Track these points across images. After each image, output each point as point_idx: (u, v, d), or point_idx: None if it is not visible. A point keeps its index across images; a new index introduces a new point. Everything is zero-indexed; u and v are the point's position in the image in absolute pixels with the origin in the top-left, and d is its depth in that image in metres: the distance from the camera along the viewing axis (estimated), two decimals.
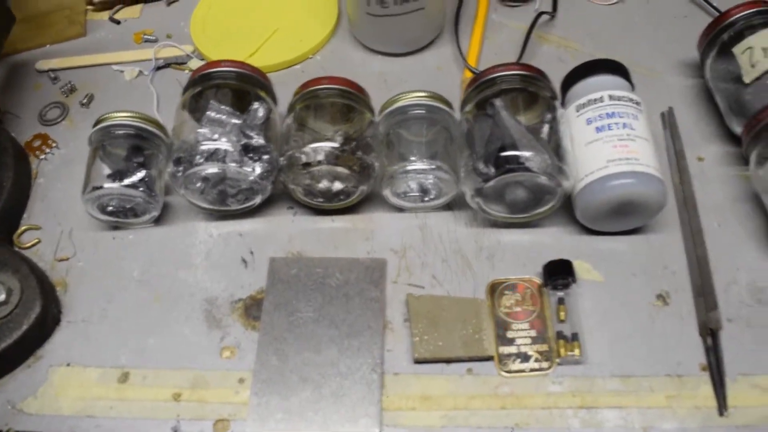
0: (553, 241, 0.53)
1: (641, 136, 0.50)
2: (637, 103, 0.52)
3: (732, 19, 0.57)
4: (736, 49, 0.56)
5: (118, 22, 0.72)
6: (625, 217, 0.51)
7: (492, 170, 0.49)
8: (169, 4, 0.73)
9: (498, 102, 0.52)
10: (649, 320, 0.49)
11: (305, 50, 0.66)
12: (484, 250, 0.53)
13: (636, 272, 0.52)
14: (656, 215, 0.51)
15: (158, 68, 0.67)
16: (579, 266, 0.52)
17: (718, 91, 0.58)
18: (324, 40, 0.67)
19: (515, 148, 0.49)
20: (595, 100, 0.52)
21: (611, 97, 0.52)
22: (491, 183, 0.49)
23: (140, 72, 0.67)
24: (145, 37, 0.70)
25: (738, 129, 0.56)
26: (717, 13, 0.63)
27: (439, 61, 0.65)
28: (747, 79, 0.54)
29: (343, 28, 0.69)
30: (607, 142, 0.50)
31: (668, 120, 0.59)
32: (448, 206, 0.55)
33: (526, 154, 0.49)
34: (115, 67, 0.67)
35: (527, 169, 0.49)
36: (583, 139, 0.51)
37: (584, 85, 0.54)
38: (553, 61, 0.64)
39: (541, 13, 0.65)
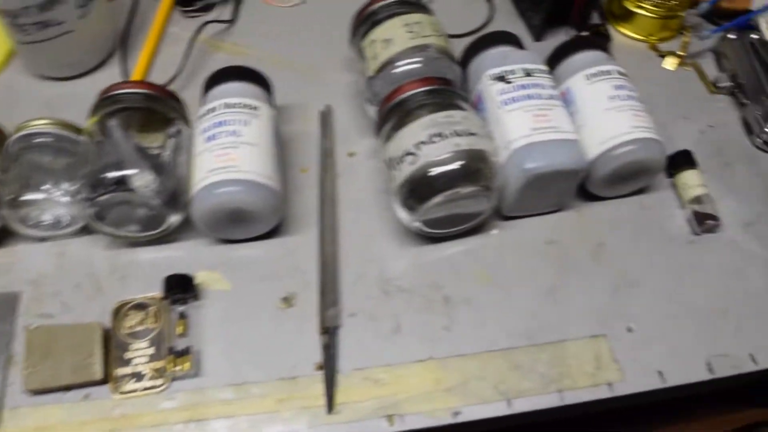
0: (189, 254, 0.53)
1: (248, 142, 0.50)
2: (254, 108, 0.52)
3: (367, 12, 0.58)
4: (364, 43, 0.57)
5: None
6: (243, 224, 0.51)
7: (96, 191, 0.49)
8: None
9: (112, 121, 0.51)
10: (271, 324, 0.50)
11: None
12: (118, 271, 0.53)
13: (266, 277, 0.52)
14: (271, 221, 0.52)
15: None
16: (208, 277, 0.52)
17: (362, 84, 0.59)
18: None
19: (120, 169, 0.49)
20: (211, 109, 0.52)
21: (226, 105, 0.52)
22: (94, 203, 0.49)
23: None
24: None
25: None
26: None
27: (112, 80, 0.64)
28: (370, 72, 0.55)
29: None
30: (212, 151, 0.50)
31: (324, 118, 0.60)
32: (88, 230, 0.54)
33: (129, 173, 0.48)
34: None
35: (129, 190, 0.48)
36: (195, 150, 0.51)
37: (211, 95, 0.54)
38: None
39: (207, 23, 0.64)
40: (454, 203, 0.49)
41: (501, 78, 0.52)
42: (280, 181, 0.51)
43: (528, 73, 0.53)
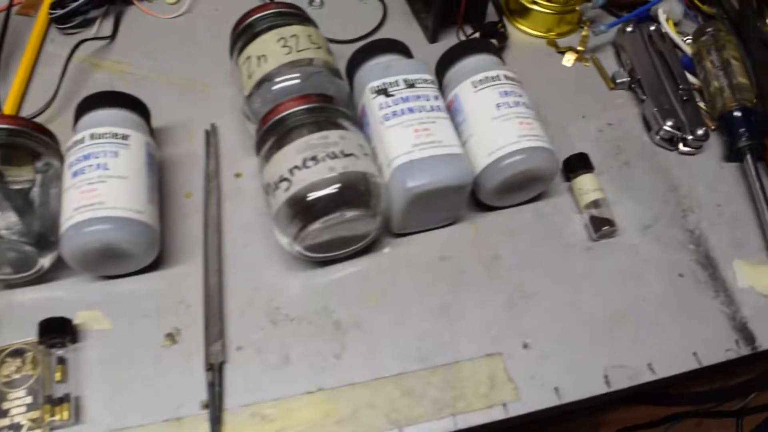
0: (68, 293, 0.50)
1: (117, 175, 0.47)
2: (124, 137, 0.49)
3: (242, 26, 0.55)
4: (240, 60, 0.54)
5: None
6: (117, 260, 0.48)
7: None
8: None
9: None
10: (155, 364, 0.47)
11: None
12: None
13: (149, 313, 0.49)
14: (148, 256, 0.49)
15: None
16: (89, 316, 0.49)
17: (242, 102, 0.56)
18: None
19: None
20: (78, 141, 0.49)
21: (93, 136, 0.49)
22: None
23: None
24: None
25: None
26: None
27: None
28: (245, 92, 0.53)
29: None
30: (78, 188, 0.47)
31: (208, 138, 0.57)
32: None
33: None
34: None
35: None
36: (64, 186, 0.48)
37: (80, 125, 0.51)
38: (104, 88, 0.60)
39: (82, 41, 0.61)
40: (336, 227, 0.47)
41: (382, 91, 0.50)
42: (154, 214, 0.49)
43: (410, 85, 0.50)
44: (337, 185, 0.45)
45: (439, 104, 0.50)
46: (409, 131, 0.48)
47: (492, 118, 0.50)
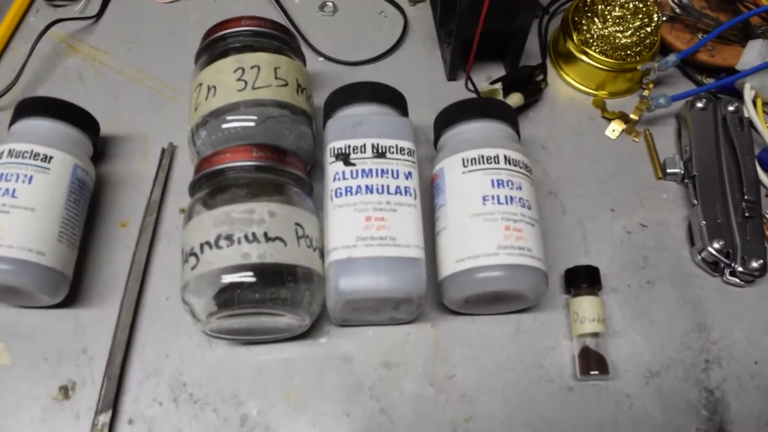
0: None
1: (24, 206, 0.41)
2: (45, 159, 0.42)
3: (208, 40, 0.46)
4: (192, 84, 0.45)
5: None
6: (19, 297, 0.43)
7: None
8: None
9: None
10: (41, 418, 0.42)
11: None
12: None
13: (50, 356, 0.44)
14: (50, 300, 0.43)
15: None
16: None
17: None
18: None
19: None
20: None
21: (11, 153, 0.42)
22: None
23: None
24: None
25: None
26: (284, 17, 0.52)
27: None
28: (189, 125, 0.44)
29: None
30: None
31: (162, 159, 0.50)
32: None
33: None
34: None
35: None
36: None
37: (10, 133, 0.45)
38: (72, 78, 0.54)
39: (56, 21, 0.54)
40: (249, 319, 0.39)
41: (343, 156, 0.40)
42: (63, 255, 0.42)
43: (380, 153, 0.40)
44: (248, 277, 0.37)
45: (409, 185, 0.40)
46: (358, 218, 0.39)
47: (473, 213, 0.40)
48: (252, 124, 0.42)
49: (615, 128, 0.51)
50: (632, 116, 0.51)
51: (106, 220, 0.48)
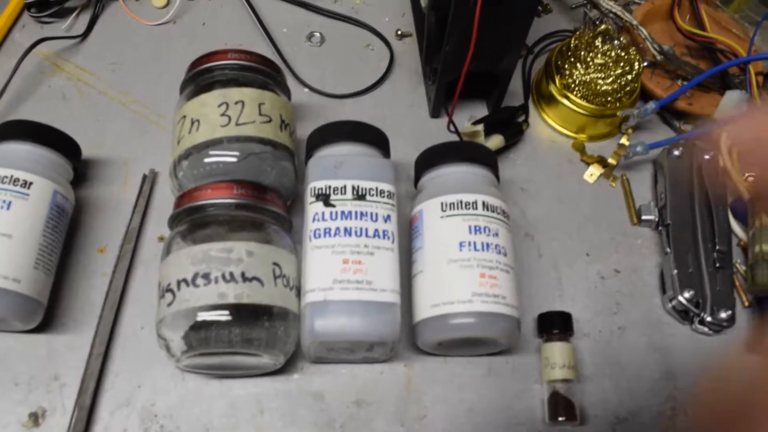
0: None
1: (2, 232, 0.41)
2: (25, 185, 0.42)
3: (194, 71, 0.46)
4: (177, 116, 0.45)
5: None
6: None
7: None
8: None
9: None
10: None
11: None
12: None
13: (21, 381, 0.43)
14: (24, 326, 0.43)
15: None
16: None
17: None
18: None
19: None
20: None
21: None
22: None
23: None
24: None
25: None
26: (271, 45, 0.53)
27: None
28: (171, 156, 0.44)
29: None
30: None
31: (143, 185, 0.49)
32: None
33: None
34: None
35: None
36: None
37: None
38: (55, 98, 0.54)
39: (42, 39, 0.53)
40: (223, 357, 0.39)
41: (323, 197, 0.41)
42: (38, 282, 0.42)
43: (360, 195, 0.41)
44: (224, 316, 0.37)
45: (387, 228, 0.40)
46: (336, 260, 0.39)
47: (450, 259, 0.40)
48: (234, 159, 0.42)
49: (593, 172, 0.52)
50: (610, 161, 0.52)
51: (84, 244, 0.48)
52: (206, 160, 0.43)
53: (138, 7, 0.58)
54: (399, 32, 0.57)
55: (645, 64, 0.54)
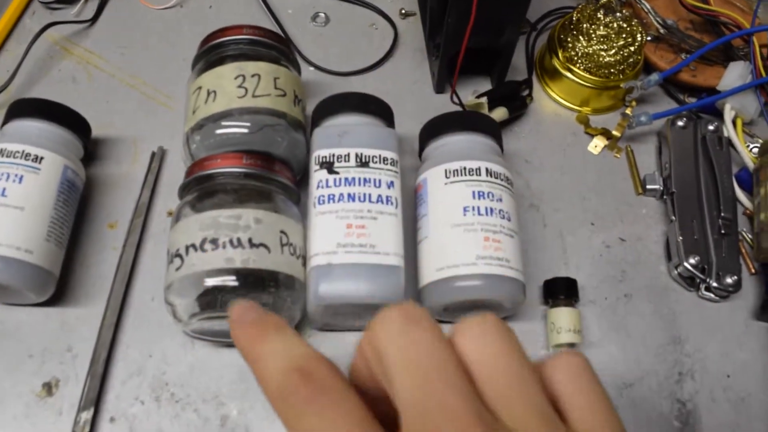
0: None
1: (14, 204, 0.41)
2: (36, 159, 0.43)
3: (208, 45, 0.47)
4: (191, 88, 0.46)
5: None
6: (4, 295, 0.43)
7: None
8: None
9: None
10: (24, 414, 0.42)
11: None
12: None
13: (34, 353, 0.44)
14: (37, 298, 0.43)
15: None
16: None
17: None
18: None
19: None
20: None
21: (2, 153, 0.43)
22: None
23: None
24: None
25: None
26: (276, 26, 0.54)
27: None
28: (185, 127, 0.45)
29: None
30: None
31: (152, 162, 0.50)
32: None
33: None
34: None
35: None
36: None
37: (3, 132, 0.45)
38: (66, 81, 0.55)
39: (51, 24, 0.54)
40: (227, 322, 0.39)
41: (327, 165, 0.41)
42: (51, 254, 0.42)
43: (363, 163, 0.41)
44: (231, 281, 0.37)
45: (390, 194, 0.41)
46: (340, 225, 0.39)
47: (454, 224, 0.41)
48: (245, 131, 0.43)
49: (597, 144, 0.52)
50: (614, 132, 0.52)
51: (94, 220, 0.49)
52: (218, 131, 0.43)
53: None
54: (403, 11, 0.58)
55: (648, 38, 0.54)
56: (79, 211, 0.48)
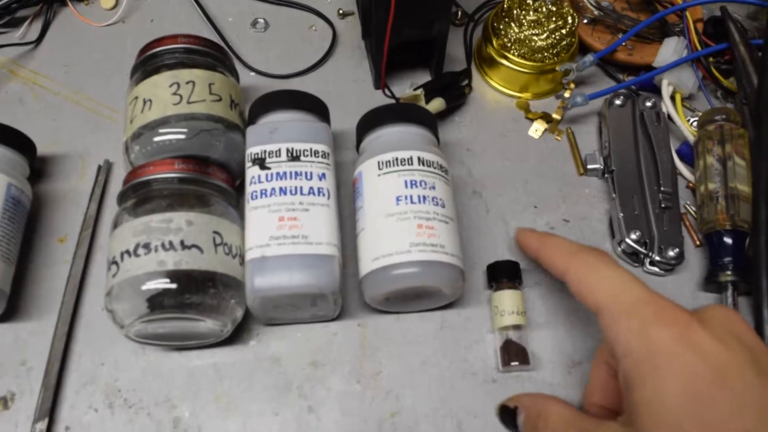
0: None
1: None
2: None
3: (143, 56, 0.48)
4: (128, 98, 0.47)
5: None
6: None
7: None
8: None
9: None
10: None
11: None
12: None
13: None
14: None
15: None
16: None
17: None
18: None
19: None
20: None
21: None
22: None
23: None
24: None
25: None
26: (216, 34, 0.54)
27: None
28: (124, 136, 0.46)
29: None
30: None
31: (98, 175, 0.51)
32: None
33: None
34: None
35: None
36: None
37: None
38: (13, 102, 0.55)
39: None
40: (169, 324, 0.40)
41: (259, 161, 0.42)
42: None
43: (294, 157, 0.42)
44: (166, 284, 0.38)
45: (322, 186, 0.42)
46: (272, 218, 0.40)
47: (387, 214, 0.41)
48: (183, 137, 0.44)
49: (537, 128, 0.53)
50: (554, 116, 0.52)
51: (44, 236, 0.49)
52: (156, 138, 0.44)
53: (88, 11, 0.60)
54: (341, 11, 0.59)
55: (585, 21, 0.55)
56: (28, 228, 0.48)
